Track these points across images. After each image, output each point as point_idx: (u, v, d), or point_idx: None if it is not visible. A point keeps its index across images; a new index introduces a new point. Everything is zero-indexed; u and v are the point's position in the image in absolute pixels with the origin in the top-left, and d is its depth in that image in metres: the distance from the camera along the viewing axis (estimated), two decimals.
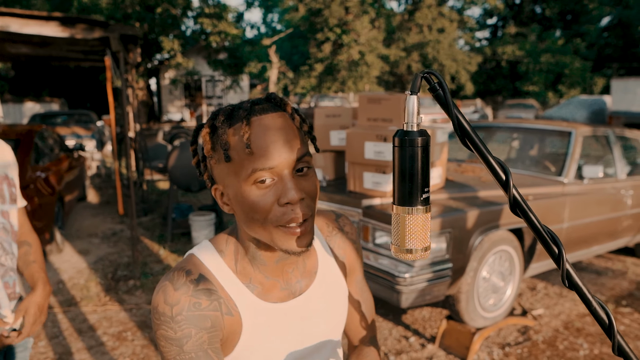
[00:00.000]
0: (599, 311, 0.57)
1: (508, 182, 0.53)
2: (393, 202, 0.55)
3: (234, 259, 0.85)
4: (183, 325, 0.76)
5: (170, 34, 14.72)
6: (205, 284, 0.80)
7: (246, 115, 0.75)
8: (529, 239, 3.43)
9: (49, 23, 3.83)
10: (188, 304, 0.77)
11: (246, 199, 0.75)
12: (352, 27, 26.23)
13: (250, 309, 0.84)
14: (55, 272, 4.64)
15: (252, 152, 0.73)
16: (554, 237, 0.55)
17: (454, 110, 0.52)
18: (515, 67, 29.50)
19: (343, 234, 1.00)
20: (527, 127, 4.58)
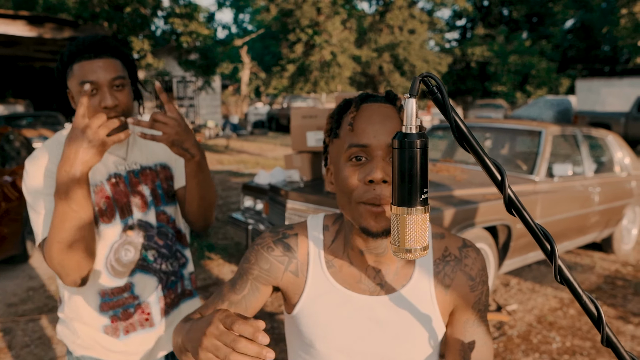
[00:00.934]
0: (589, 304, 0.59)
1: (504, 182, 0.55)
2: (392, 203, 0.57)
3: (334, 236, 0.94)
4: (252, 252, 0.96)
5: (140, 34, 14.46)
6: (291, 240, 0.95)
7: (358, 101, 0.85)
8: (502, 237, 3.51)
9: (15, 22, 3.72)
10: (266, 244, 0.95)
11: (341, 173, 0.83)
12: (323, 27, 26.30)
13: (317, 281, 0.91)
14: (24, 279, 4.51)
15: (352, 129, 0.82)
16: (547, 234, 0.57)
17: (452, 113, 0.53)
18: (485, 68, 30.11)
19: (459, 265, 0.92)
20: (499, 126, 4.69)
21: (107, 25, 13.08)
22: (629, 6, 17.44)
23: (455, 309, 0.92)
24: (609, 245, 5.04)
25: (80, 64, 1.22)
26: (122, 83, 1.25)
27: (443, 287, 0.91)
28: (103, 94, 1.21)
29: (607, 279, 4.51)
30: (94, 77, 1.20)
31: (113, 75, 1.22)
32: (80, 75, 1.21)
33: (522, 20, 32.65)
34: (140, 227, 1.33)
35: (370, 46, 28.98)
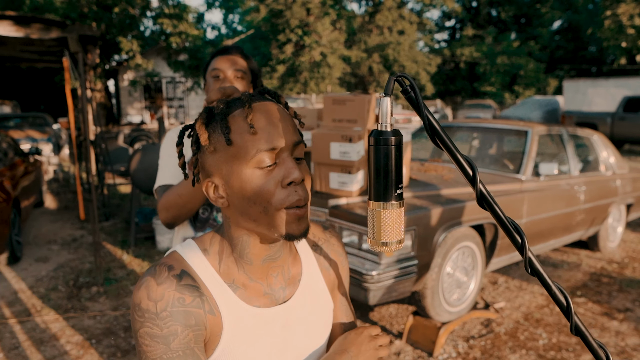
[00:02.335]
0: (558, 295, 0.62)
1: (475, 178, 0.57)
2: (369, 198, 0.59)
3: (218, 258, 0.84)
4: (169, 321, 0.74)
5: (129, 34, 14.39)
6: (187, 280, 0.78)
7: (248, 101, 0.77)
8: (490, 235, 3.55)
9: (1, 22, 3.70)
10: (172, 299, 0.75)
11: (249, 182, 0.75)
12: (313, 28, 26.33)
13: (232, 311, 0.81)
14: (12, 281, 4.48)
15: (255, 132, 0.74)
16: (517, 227, 0.60)
17: (425, 111, 0.55)
18: (474, 69, 30.34)
19: (330, 246, 1.00)
20: (486, 126, 4.74)
21: (95, 25, 13.00)
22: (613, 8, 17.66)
23: (334, 286, 1.00)
24: (594, 243, 5.11)
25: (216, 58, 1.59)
26: (242, 76, 1.58)
27: (325, 269, 0.97)
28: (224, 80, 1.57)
29: (593, 276, 4.57)
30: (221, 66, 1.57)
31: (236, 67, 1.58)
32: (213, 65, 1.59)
33: (510, 21, 32.96)
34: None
35: (360, 47, 29.07)
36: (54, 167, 9.48)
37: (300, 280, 0.91)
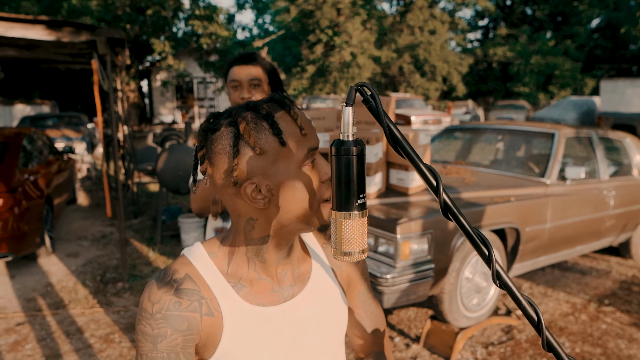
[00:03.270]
0: (529, 309, 0.61)
1: (439, 188, 0.57)
2: (332, 208, 0.59)
3: (227, 259, 0.86)
4: (160, 323, 0.78)
5: (161, 35, 14.70)
6: (188, 284, 0.82)
7: (287, 105, 0.81)
8: (511, 240, 3.47)
9: (34, 26, 3.84)
10: (168, 302, 0.79)
11: (301, 181, 0.79)
12: (343, 28, 26.29)
13: (233, 310, 0.83)
14: (44, 275, 4.64)
15: (306, 133, 0.79)
16: (484, 239, 0.59)
17: (385, 119, 0.55)
18: (507, 69, 29.71)
19: None
20: (512, 128, 4.64)
21: (129, 27, 13.34)
22: None
23: (349, 283, 0.99)
24: (626, 249, 4.93)
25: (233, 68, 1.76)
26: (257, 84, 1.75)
27: (338, 266, 0.97)
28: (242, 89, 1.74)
29: (623, 285, 4.41)
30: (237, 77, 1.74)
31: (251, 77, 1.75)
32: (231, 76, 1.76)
33: (546, 19, 32.11)
34: None
35: (391, 47, 28.86)
36: (87, 165, 9.77)
37: (310, 277, 0.92)
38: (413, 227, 2.77)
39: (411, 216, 2.85)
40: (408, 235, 2.74)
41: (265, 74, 1.79)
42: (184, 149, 5.64)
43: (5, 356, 3.22)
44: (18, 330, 3.58)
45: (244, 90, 1.73)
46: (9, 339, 3.45)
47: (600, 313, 3.83)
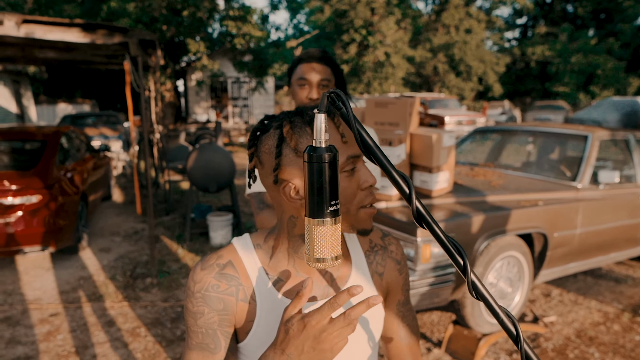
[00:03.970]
0: (506, 322, 0.59)
1: (411, 195, 0.56)
2: (305, 214, 0.59)
3: (270, 252, 0.91)
4: (199, 302, 0.86)
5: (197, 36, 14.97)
6: (229, 269, 0.88)
7: (331, 113, 0.84)
8: (538, 245, 3.38)
9: (71, 29, 3.98)
10: (208, 284, 0.86)
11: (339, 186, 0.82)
12: (377, 28, 26.14)
13: (268, 301, 0.88)
14: (77, 268, 4.81)
15: (347, 140, 0.82)
16: (459, 248, 0.58)
17: (356, 125, 0.55)
18: (545, 68, 28.88)
19: (386, 252, 1.01)
20: (544, 130, 4.51)
21: (165, 28, 13.65)
22: None
23: (389, 292, 1.01)
24: None
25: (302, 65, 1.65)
26: (327, 84, 1.64)
27: (378, 275, 0.98)
28: (311, 89, 1.63)
29: None
30: (307, 75, 1.63)
31: (322, 76, 1.63)
32: (299, 73, 1.65)
33: (588, 17, 31.04)
34: None
35: (425, 46, 28.52)
36: (123, 163, 10.06)
37: (348, 281, 0.93)
38: None
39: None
40: (429, 239, 2.71)
41: (333, 74, 1.69)
42: (213, 148, 5.73)
43: (39, 345, 3.35)
44: (51, 320, 3.72)
45: (313, 90, 1.63)
46: (43, 329, 3.59)
47: (634, 324, 3.68)
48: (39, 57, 5.50)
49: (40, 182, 4.58)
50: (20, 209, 4.41)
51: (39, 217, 4.48)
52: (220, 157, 5.58)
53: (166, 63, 14.77)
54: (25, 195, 4.45)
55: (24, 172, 4.69)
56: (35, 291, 4.28)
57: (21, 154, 5.23)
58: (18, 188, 4.43)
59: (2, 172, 4.69)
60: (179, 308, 3.91)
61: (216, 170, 5.53)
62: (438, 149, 3.03)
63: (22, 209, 4.42)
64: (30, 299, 4.11)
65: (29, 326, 3.64)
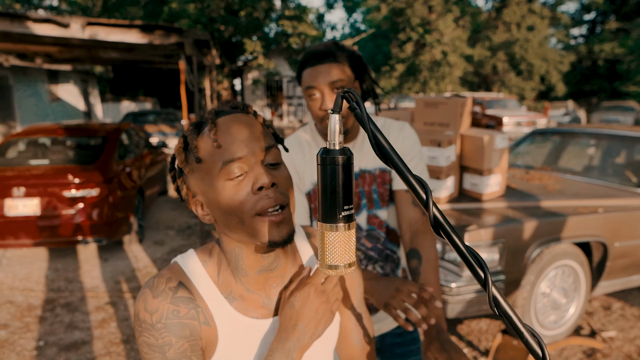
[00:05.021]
0: (532, 342, 0.54)
1: (428, 202, 0.53)
2: (317, 219, 0.57)
3: (217, 269, 0.85)
4: (163, 332, 0.77)
5: (253, 36, 15.26)
6: (183, 292, 0.80)
7: (211, 118, 0.79)
8: (597, 255, 3.18)
9: (130, 30, 4.15)
10: (167, 311, 0.77)
11: (221, 195, 0.76)
12: (435, 26, 25.63)
13: (227, 322, 0.82)
14: (132, 260, 5.02)
15: (219, 145, 0.76)
16: (480, 259, 0.54)
17: (370, 126, 0.52)
18: (615, 66, 27.26)
19: None
20: (608, 133, 4.24)
21: (223, 28, 14.01)
22: None
23: (344, 296, 0.95)
24: None
25: (306, 71, 1.37)
26: (342, 86, 1.33)
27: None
28: (323, 98, 1.34)
29: None
30: (314, 83, 1.33)
31: (332, 79, 1.32)
32: (305, 82, 1.37)
33: None
34: None
35: (484, 45, 27.66)
36: None
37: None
38: (483, 235, 2.63)
39: (481, 223, 2.71)
40: (477, 244, 2.61)
41: (350, 68, 1.37)
42: None
43: (93, 332, 3.52)
44: (106, 309, 3.90)
45: (325, 98, 1.33)
46: (98, 316, 3.77)
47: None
48: (103, 57, 5.78)
49: (101, 176, 4.81)
50: (81, 201, 4.65)
51: (99, 209, 4.71)
52: None
53: (223, 62, 15.15)
54: (87, 188, 4.69)
55: (86, 166, 4.95)
56: (93, 280, 4.51)
57: (84, 149, 5.51)
58: (80, 181, 4.67)
59: (65, 166, 4.97)
60: None
61: None
62: (490, 151, 2.92)
63: (83, 202, 4.66)
64: (88, 287, 4.33)
65: (85, 313, 3.83)
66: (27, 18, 4.06)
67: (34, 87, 13.47)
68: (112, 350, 3.27)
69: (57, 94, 15.06)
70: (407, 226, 1.40)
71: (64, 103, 15.51)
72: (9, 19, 4.00)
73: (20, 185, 4.57)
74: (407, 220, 1.40)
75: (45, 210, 4.58)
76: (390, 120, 1.50)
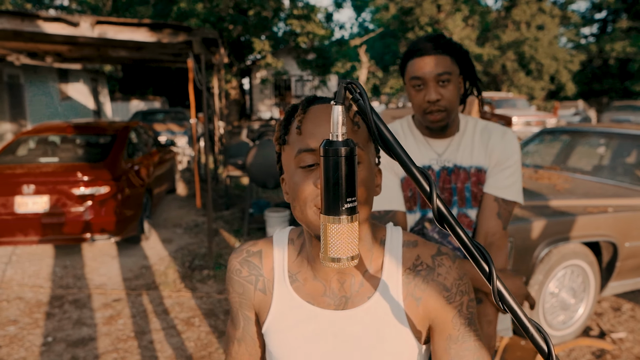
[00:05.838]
0: (537, 337, 0.54)
1: (432, 194, 0.52)
2: (320, 212, 0.56)
3: (299, 250, 0.90)
4: (227, 281, 0.96)
5: (262, 35, 15.29)
6: (254, 259, 0.92)
7: (305, 104, 0.80)
8: (607, 255, 3.15)
9: (139, 29, 4.17)
10: (234, 267, 0.94)
11: (292, 179, 0.79)
12: (444, 25, 25.52)
13: (282, 297, 0.88)
14: (140, 257, 5.04)
15: (300, 132, 0.77)
16: (484, 253, 0.53)
17: (374, 118, 0.51)
18: (626, 66, 26.99)
19: (431, 275, 0.84)
20: (618, 132, 4.20)
21: (232, 27, 14.04)
22: None
23: (433, 325, 0.84)
24: None
25: (412, 62, 1.38)
26: (447, 79, 1.34)
27: (414, 299, 0.83)
28: (428, 89, 1.35)
29: None
30: (419, 73, 1.35)
31: (439, 71, 1.33)
32: (410, 72, 1.38)
33: None
34: None
35: (493, 44, 27.49)
36: (188, 158, 10.44)
37: (371, 298, 0.83)
38: None
39: None
40: None
41: (456, 62, 1.37)
42: (272, 144, 5.82)
43: (101, 328, 3.55)
44: (114, 305, 3.92)
45: (430, 90, 1.34)
46: (106, 313, 3.79)
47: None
48: (112, 56, 5.81)
49: (109, 174, 4.84)
50: (90, 199, 4.68)
51: (107, 207, 4.73)
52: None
53: (231, 61, 15.19)
54: (95, 186, 4.71)
55: (95, 164, 4.98)
56: (101, 277, 4.53)
57: (93, 147, 5.55)
58: (89, 179, 4.70)
59: (75, 163, 5.00)
60: None
61: (274, 167, 5.60)
62: None
63: (91, 199, 4.69)
64: (96, 284, 4.35)
65: (93, 309, 3.86)
66: (38, 17, 4.09)
67: (44, 85, 13.59)
68: (120, 347, 3.29)
69: (67, 92, 15.19)
70: (483, 236, 1.39)
71: (74, 102, 15.63)
72: (19, 18, 4.03)
73: (30, 183, 4.61)
74: (486, 230, 1.39)
75: (54, 207, 4.61)
76: (493, 123, 1.48)
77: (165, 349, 3.27)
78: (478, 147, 1.43)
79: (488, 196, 1.41)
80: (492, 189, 1.40)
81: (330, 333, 0.84)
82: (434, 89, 1.33)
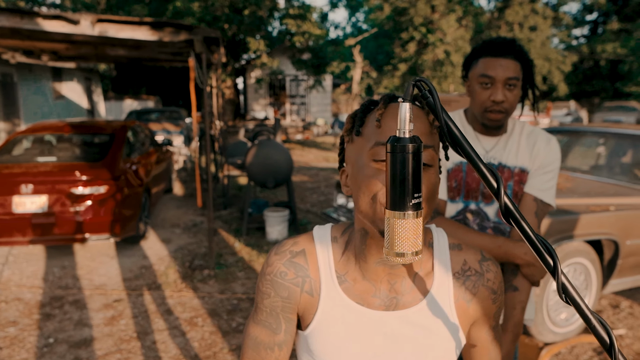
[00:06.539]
0: (600, 329, 0.55)
1: (499, 190, 0.53)
2: (386, 207, 0.57)
3: (343, 248, 0.89)
4: (268, 284, 0.89)
5: (257, 34, 15.26)
6: (300, 259, 0.89)
7: (386, 99, 0.80)
8: (608, 253, 3.19)
9: (140, 27, 4.15)
10: (277, 270, 0.88)
11: (363, 172, 0.77)
12: (438, 26, 25.62)
13: (330, 298, 0.86)
14: (140, 257, 5.02)
15: (379, 125, 0.77)
16: (549, 248, 0.54)
17: (444, 116, 0.52)
18: (617, 67, 27.27)
19: (480, 280, 0.89)
20: (615, 131, 4.25)
21: (227, 27, 14.00)
22: None
23: (475, 322, 0.90)
24: None
25: (484, 60, 1.42)
26: (515, 84, 1.41)
27: (464, 301, 0.88)
28: (495, 89, 1.40)
29: None
30: (491, 73, 1.40)
31: (509, 75, 1.39)
32: (481, 69, 1.42)
33: None
34: (479, 215, 1.51)
35: None
36: (184, 157, 10.41)
37: (423, 300, 0.85)
38: None
39: None
40: None
41: (522, 70, 1.44)
42: (272, 144, 5.81)
43: (103, 329, 3.53)
44: (115, 306, 3.90)
45: (497, 91, 1.39)
46: (107, 313, 3.77)
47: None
48: (110, 54, 5.78)
49: (108, 174, 4.81)
50: (89, 198, 4.66)
51: (106, 207, 4.71)
52: (279, 154, 5.65)
53: (227, 61, 15.16)
54: (94, 185, 4.69)
55: (93, 163, 4.95)
56: (101, 277, 4.51)
57: (91, 146, 5.51)
58: (87, 179, 4.67)
59: (73, 163, 4.97)
60: (235, 300, 4.00)
61: (274, 167, 5.60)
62: None
63: (90, 199, 4.66)
64: (97, 285, 4.33)
65: (94, 310, 3.83)
66: (37, 15, 4.06)
67: (38, 84, 13.48)
68: (123, 348, 3.27)
69: (61, 91, 15.07)
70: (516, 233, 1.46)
71: (68, 101, 15.51)
72: (19, 15, 4.00)
73: (27, 183, 4.57)
74: None
75: (52, 207, 4.58)
76: (540, 129, 1.56)
77: (169, 349, 3.27)
78: (523, 149, 1.50)
79: (528, 195, 1.48)
80: (533, 190, 1.48)
81: (381, 333, 0.85)
82: (501, 91, 1.39)
